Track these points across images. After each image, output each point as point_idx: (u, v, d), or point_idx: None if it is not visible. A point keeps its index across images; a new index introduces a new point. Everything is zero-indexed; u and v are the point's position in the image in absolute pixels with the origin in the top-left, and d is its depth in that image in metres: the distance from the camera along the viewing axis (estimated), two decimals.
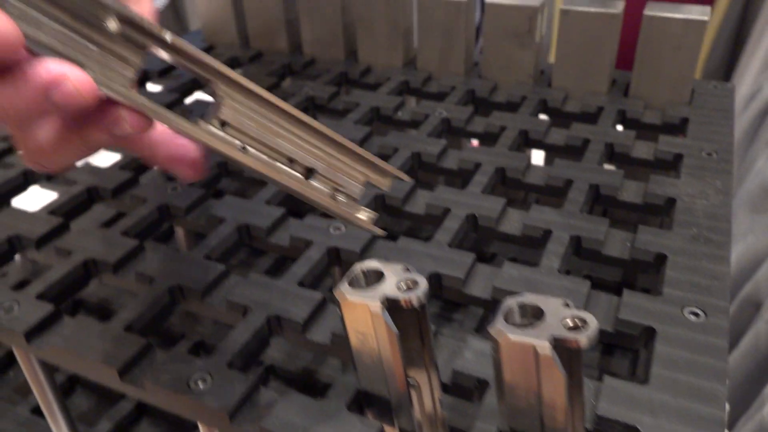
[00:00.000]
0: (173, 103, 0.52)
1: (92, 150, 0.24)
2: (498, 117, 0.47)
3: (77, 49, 0.22)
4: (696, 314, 0.29)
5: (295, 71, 0.58)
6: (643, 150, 0.44)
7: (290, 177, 0.25)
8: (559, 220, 0.36)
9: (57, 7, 0.21)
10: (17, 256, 0.44)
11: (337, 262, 0.35)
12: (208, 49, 0.63)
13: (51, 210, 0.39)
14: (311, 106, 0.52)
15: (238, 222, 0.37)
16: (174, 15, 2.15)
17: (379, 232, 0.27)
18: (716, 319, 0.29)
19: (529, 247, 0.37)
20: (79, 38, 0.22)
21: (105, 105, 0.22)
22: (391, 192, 0.39)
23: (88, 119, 0.23)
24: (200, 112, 0.50)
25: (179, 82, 0.55)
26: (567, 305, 0.22)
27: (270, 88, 0.54)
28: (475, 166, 0.42)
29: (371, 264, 0.24)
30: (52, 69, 0.21)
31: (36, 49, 0.21)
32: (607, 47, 0.49)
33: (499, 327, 0.21)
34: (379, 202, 0.39)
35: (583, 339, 0.20)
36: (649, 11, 0.46)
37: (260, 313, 0.30)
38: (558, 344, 0.21)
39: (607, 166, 0.42)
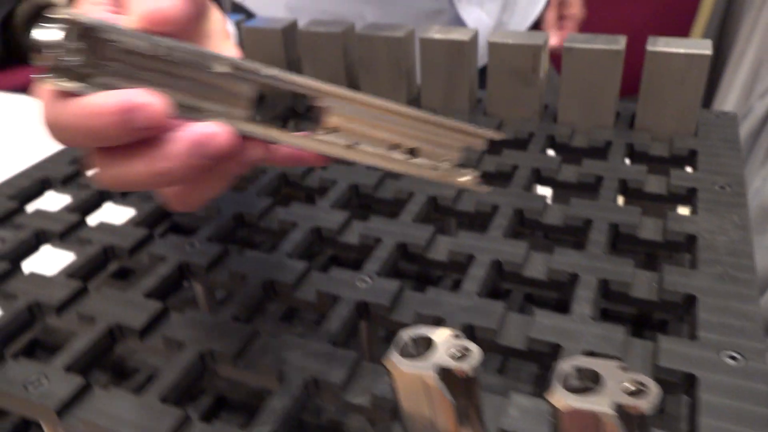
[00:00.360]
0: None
1: (228, 181, 0.27)
2: (508, 155, 0.48)
3: (202, 97, 0.25)
4: (734, 358, 0.29)
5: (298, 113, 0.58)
6: (655, 184, 0.44)
7: (397, 161, 0.28)
8: (584, 262, 0.36)
9: (174, 67, 0.24)
10: None
11: (366, 315, 0.35)
12: None
13: (69, 273, 0.38)
14: None
15: (262, 278, 0.36)
16: None
17: (485, 189, 0.30)
18: (755, 363, 0.29)
19: (555, 290, 0.37)
20: (201, 87, 0.24)
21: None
22: (413, 239, 0.39)
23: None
24: None
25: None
26: (623, 368, 0.22)
27: None
28: (492, 208, 0.42)
29: (420, 331, 0.24)
30: (197, 130, 0.23)
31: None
32: (610, 82, 0.49)
33: (559, 395, 0.21)
34: (401, 251, 0.39)
35: (647, 404, 0.20)
36: (652, 47, 0.47)
37: (296, 376, 0.30)
38: (621, 411, 0.20)
39: (606, 192, 0.43)
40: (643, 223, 0.40)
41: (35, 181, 0.49)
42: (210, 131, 0.23)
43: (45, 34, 0.22)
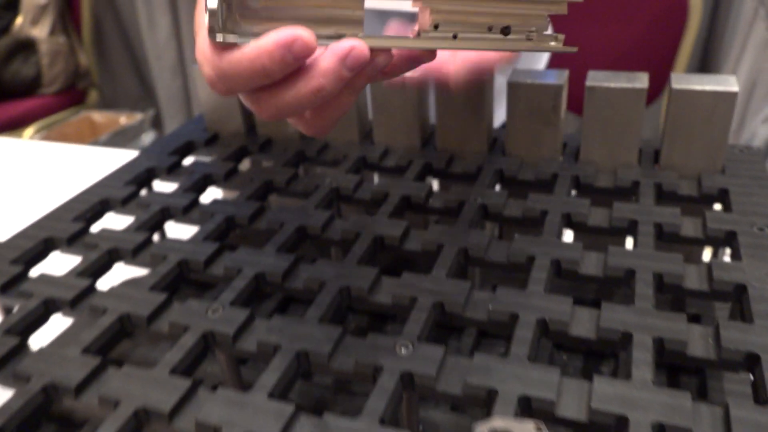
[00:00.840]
0: (191, 204, 0.49)
1: (357, 96, 0.32)
2: (535, 200, 0.46)
3: (326, 23, 0.29)
4: None
5: (309, 158, 0.56)
6: (691, 227, 0.43)
7: (495, 41, 0.32)
8: (634, 319, 0.34)
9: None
10: None
11: (411, 386, 0.33)
12: (212, 139, 0.61)
13: (84, 348, 0.36)
14: (335, 198, 0.50)
15: (294, 348, 0.34)
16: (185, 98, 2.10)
17: (573, 49, 0.33)
18: None
19: (604, 349, 0.35)
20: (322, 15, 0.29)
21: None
22: (449, 297, 0.37)
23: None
24: (219, 210, 0.47)
25: (191, 180, 0.52)
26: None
27: (288, 181, 0.52)
28: (528, 259, 0.40)
29: (500, 423, 0.22)
30: (340, 46, 0.28)
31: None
32: (634, 120, 0.48)
33: None
34: (438, 308, 0.37)
35: None
36: (677, 84, 0.46)
37: None
38: None
39: (642, 238, 0.41)
40: (687, 272, 0.38)
41: (38, 242, 0.46)
42: (350, 45, 0.28)
43: (210, 2, 0.27)
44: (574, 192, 0.50)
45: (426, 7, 0.31)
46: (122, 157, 0.92)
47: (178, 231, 0.58)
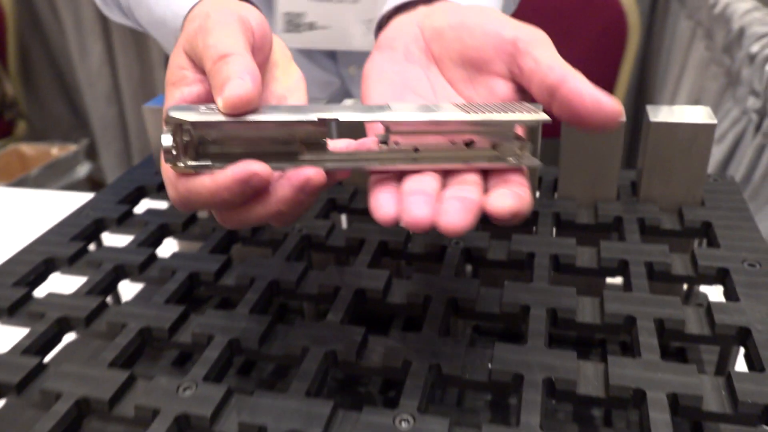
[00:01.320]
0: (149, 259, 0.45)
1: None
2: (519, 241, 0.44)
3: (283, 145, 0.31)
4: None
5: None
6: (681, 265, 0.42)
7: (458, 156, 0.32)
8: (643, 373, 0.33)
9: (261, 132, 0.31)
10: None
11: None
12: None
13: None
14: (306, 246, 0.47)
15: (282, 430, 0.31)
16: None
17: (536, 163, 0.32)
18: None
19: (616, 407, 0.33)
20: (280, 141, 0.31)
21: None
22: (445, 357, 0.34)
23: None
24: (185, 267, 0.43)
25: (146, 232, 0.48)
26: None
27: (254, 229, 0.48)
28: (522, 309, 0.38)
29: None
30: (298, 177, 0.29)
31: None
32: (612, 154, 0.47)
33: None
34: (434, 371, 0.34)
35: None
36: (655, 118, 0.45)
37: None
38: None
39: (636, 280, 0.39)
40: (687, 316, 0.37)
41: (38, 264, 0.41)
42: (305, 176, 0.28)
43: (165, 139, 0.29)
44: (554, 229, 0.48)
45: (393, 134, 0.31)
46: (58, 199, 0.86)
47: (135, 290, 0.54)
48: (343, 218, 0.55)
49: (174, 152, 0.29)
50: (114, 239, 0.50)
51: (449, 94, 0.36)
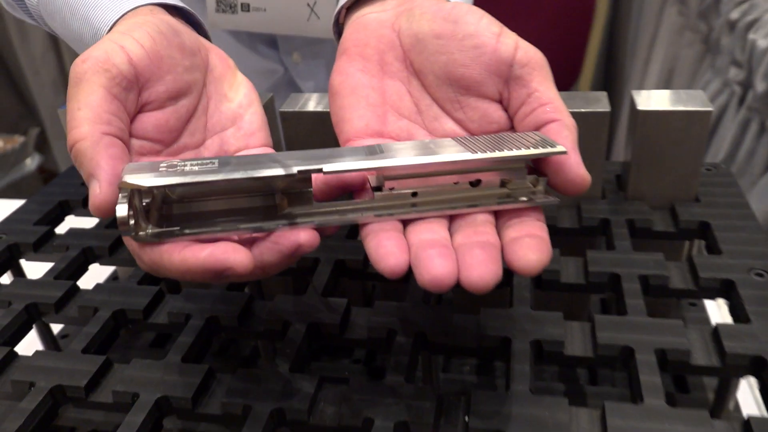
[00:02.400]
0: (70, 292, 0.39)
1: None
2: None
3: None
4: None
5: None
6: (680, 278, 0.36)
7: (465, 198, 0.27)
8: (648, 425, 0.27)
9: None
10: None
11: None
12: None
13: None
14: None
15: None
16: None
17: (555, 200, 0.28)
18: None
19: None
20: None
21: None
22: (416, 413, 0.29)
23: None
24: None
25: (66, 260, 0.41)
26: None
27: None
28: (502, 342, 0.33)
29: None
30: (286, 244, 0.25)
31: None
32: (596, 149, 0.41)
33: None
34: (401, 429, 0.29)
35: None
36: (644, 106, 0.40)
37: None
38: None
39: (630, 300, 0.34)
40: (693, 345, 0.32)
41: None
42: (295, 243, 0.25)
43: (119, 210, 0.24)
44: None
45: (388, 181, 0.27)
46: None
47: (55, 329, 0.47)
48: None
49: (132, 221, 0.24)
50: (30, 268, 0.44)
51: (437, 114, 0.30)
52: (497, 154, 0.26)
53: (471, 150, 0.26)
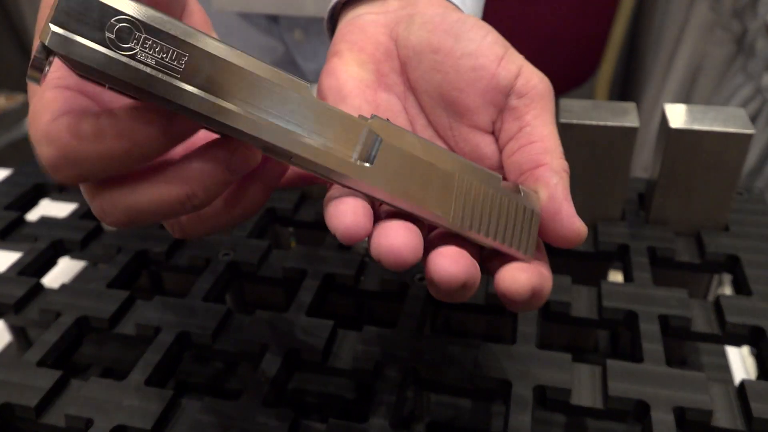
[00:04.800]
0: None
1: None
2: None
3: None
4: None
5: None
6: (702, 320, 0.33)
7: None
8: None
9: None
10: None
11: None
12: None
13: None
14: (234, 277, 0.37)
15: None
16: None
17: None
18: None
19: None
20: None
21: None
22: None
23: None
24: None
25: (34, 253, 0.38)
26: None
27: (170, 250, 0.38)
28: (501, 384, 0.29)
29: None
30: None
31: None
32: (620, 166, 0.37)
33: None
34: None
35: None
36: (677, 123, 0.36)
37: None
38: None
39: (647, 344, 0.31)
40: (716, 403, 0.28)
41: None
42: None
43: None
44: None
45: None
46: None
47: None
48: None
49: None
50: None
51: (431, 139, 0.26)
52: (458, 227, 0.22)
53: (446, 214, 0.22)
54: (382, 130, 0.21)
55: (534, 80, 0.24)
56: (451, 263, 0.20)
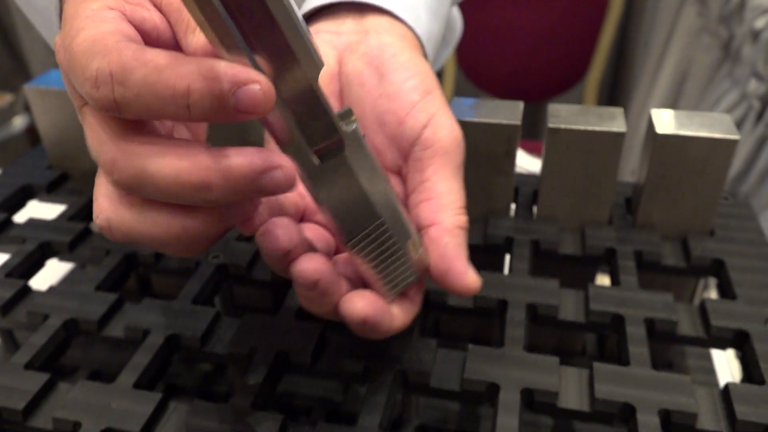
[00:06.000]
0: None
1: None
2: (489, 282, 0.35)
3: None
4: None
5: None
6: (688, 323, 0.33)
7: None
8: None
9: None
10: None
11: None
12: (58, 181, 0.46)
13: None
14: (223, 279, 0.37)
15: None
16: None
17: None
18: None
19: None
20: None
21: None
22: None
23: None
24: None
25: (21, 255, 0.38)
26: None
27: (159, 252, 0.38)
28: (489, 388, 0.29)
29: None
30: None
31: None
32: (607, 171, 0.38)
33: None
34: None
35: None
36: (663, 129, 0.36)
37: None
38: None
39: (634, 348, 0.31)
40: (701, 407, 0.29)
41: None
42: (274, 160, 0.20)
43: None
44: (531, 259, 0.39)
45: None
46: None
47: None
48: None
49: None
50: None
51: None
52: (350, 250, 0.24)
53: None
54: (350, 142, 0.21)
55: (442, 132, 0.25)
56: (311, 264, 0.22)
